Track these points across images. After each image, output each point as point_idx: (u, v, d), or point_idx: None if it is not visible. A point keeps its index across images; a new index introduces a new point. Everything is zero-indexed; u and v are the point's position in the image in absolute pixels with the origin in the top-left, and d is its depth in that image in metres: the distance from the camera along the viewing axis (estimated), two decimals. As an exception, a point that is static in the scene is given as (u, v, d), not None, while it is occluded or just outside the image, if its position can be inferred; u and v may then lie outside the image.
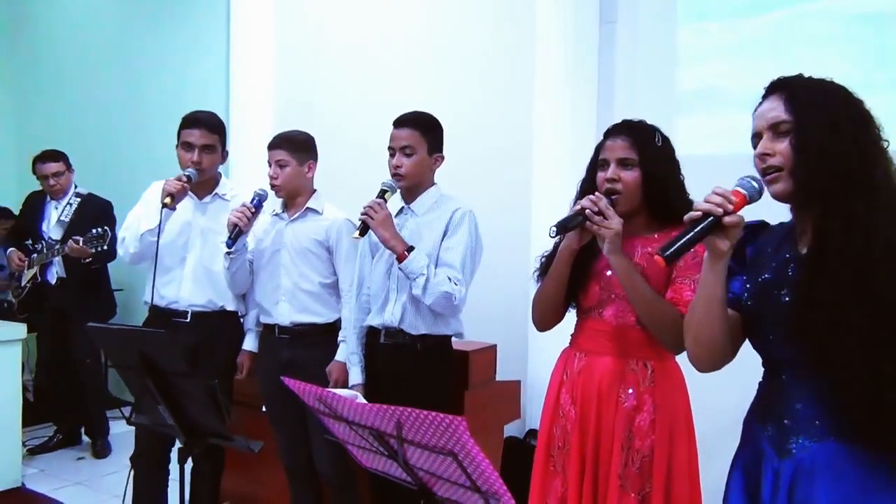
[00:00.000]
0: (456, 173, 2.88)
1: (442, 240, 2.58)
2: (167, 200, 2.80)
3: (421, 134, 2.60)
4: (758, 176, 1.48)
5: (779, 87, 1.48)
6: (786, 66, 1.55)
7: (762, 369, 1.58)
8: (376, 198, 2.54)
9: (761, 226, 1.62)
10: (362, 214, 2.50)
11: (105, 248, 3.78)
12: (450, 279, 2.50)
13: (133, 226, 2.99)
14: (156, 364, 1.99)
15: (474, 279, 2.67)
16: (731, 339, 1.56)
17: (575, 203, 2.06)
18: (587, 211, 1.93)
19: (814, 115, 1.40)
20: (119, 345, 2.13)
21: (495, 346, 3.29)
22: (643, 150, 2.00)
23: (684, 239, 1.46)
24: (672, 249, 1.47)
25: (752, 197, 1.47)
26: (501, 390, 3.30)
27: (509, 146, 3.88)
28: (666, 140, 2.07)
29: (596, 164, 2.07)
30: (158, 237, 2.87)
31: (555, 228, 1.95)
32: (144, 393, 2.07)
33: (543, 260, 2.16)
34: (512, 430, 3.53)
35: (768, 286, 1.50)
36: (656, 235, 2.03)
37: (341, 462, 2.81)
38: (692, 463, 2.01)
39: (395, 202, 2.64)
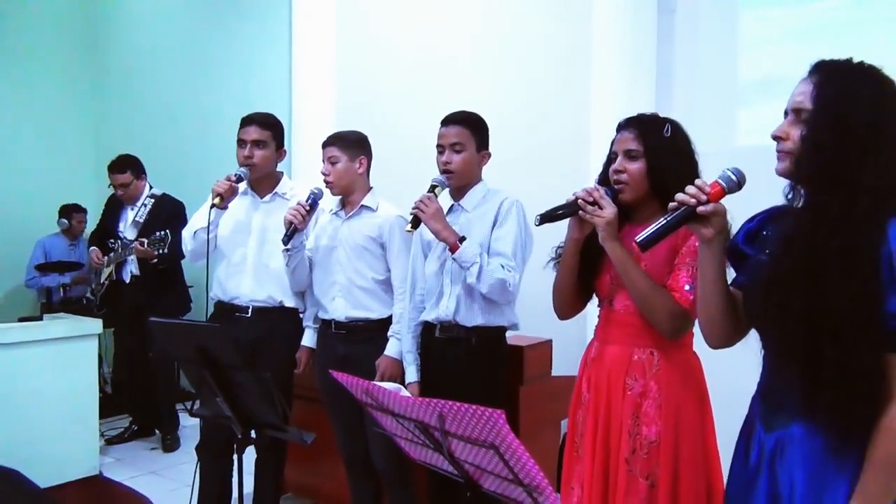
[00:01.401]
0: (513, 168, 2.88)
1: (492, 230, 2.60)
2: (216, 200, 2.91)
3: (470, 131, 2.64)
4: (738, 168, 1.55)
5: (816, 71, 1.48)
6: (850, 51, 1.52)
7: None
8: (427, 192, 2.58)
9: (785, 211, 1.63)
10: (414, 208, 2.54)
11: (166, 251, 3.92)
12: (503, 266, 2.52)
13: (192, 224, 3.12)
14: (212, 357, 2.06)
15: (530, 274, 2.66)
16: (732, 319, 1.64)
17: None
18: (580, 201, 1.98)
19: (830, 112, 1.41)
20: (177, 339, 2.21)
21: (550, 340, 3.27)
22: (648, 141, 2.04)
23: (658, 227, 1.56)
24: (646, 236, 1.57)
25: (731, 188, 1.55)
26: (558, 385, 3.27)
27: (567, 140, 3.86)
28: (676, 131, 2.10)
29: (610, 157, 2.13)
30: (208, 236, 2.98)
31: (539, 218, 2.03)
32: (203, 385, 2.14)
33: (558, 250, 2.21)
34: (567, 426, 3.49)
35: (759, 266, 1.56)
36: None
37: (396, 457, 2.82)
38: (707, 446, 2.00)
39: (444, 201, 2.66)
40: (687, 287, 1.93)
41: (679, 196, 1.55)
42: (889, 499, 1.37)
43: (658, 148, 2.03)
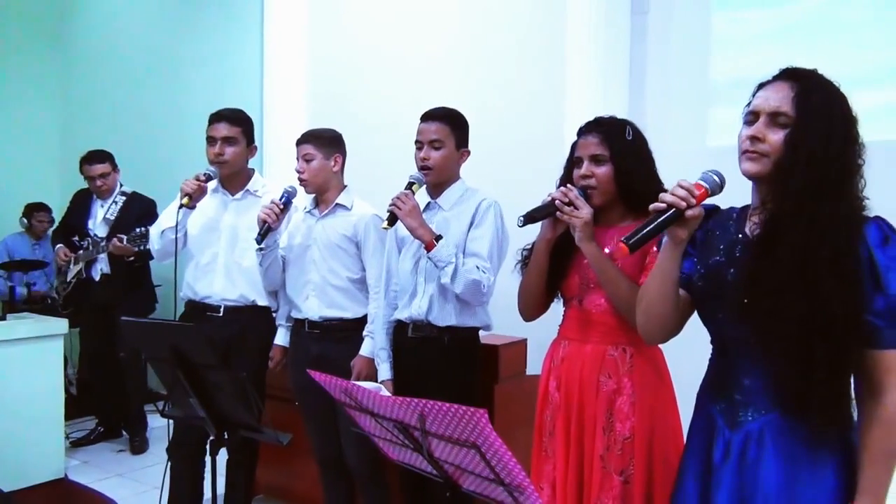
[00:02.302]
0: (487, 167, 2.88)
1: (468, 230, 2.60)
2: (185, 200, 2.87)
3: (449, 128, 2.63)
4: (719, 171, 1.55)
5: (791, 77, 1.51)
6: (821, 54, 1.57)
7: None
8: (404, 190, 2.56)
9: (713, 210, 1.69)
10: (390, 206, 2.52)
11: (146, 247, 3.85)
12: (478, 267, 2.52)
13: (158, 223, 3.08)
14: (186, 357, 2.03)
15: (505, 273, 2.66)
16: (678, 315, 1.68)
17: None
18: (557, 202, 2.02)
19: (815, 121, 1.46)
20: (150, 338, 2.17)
21: (525, 340, 3.27)
22: (613, 145, 2.07)
23: (648, 228, 1.55)
24: (636, 238, 1.55)
25: (714, 191, 1.55)
26: (532, 384, 3.27)
27: (541, 138, 3.86)
28: (637, 133, 2.14)
29: (572, 161, 2.15)
30: (176, 235, 2.93)
31: (522, 218, 2.05)
32: (176, 385, 2.11)
33: (525, 252, 2.24)
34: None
35: (718, 267, 1.60)
36: (631, 224, 2.08)
37: (371, 457, 2.82)
38: (678, 444, 2.01)
39: (421, 198, 2.65)
40: None
41: (667, 198, 1.52)
42: (887, 489, 1.42)
43: (623, 151, 2.07)
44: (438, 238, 2.50)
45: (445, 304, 2.60)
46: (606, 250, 2.05)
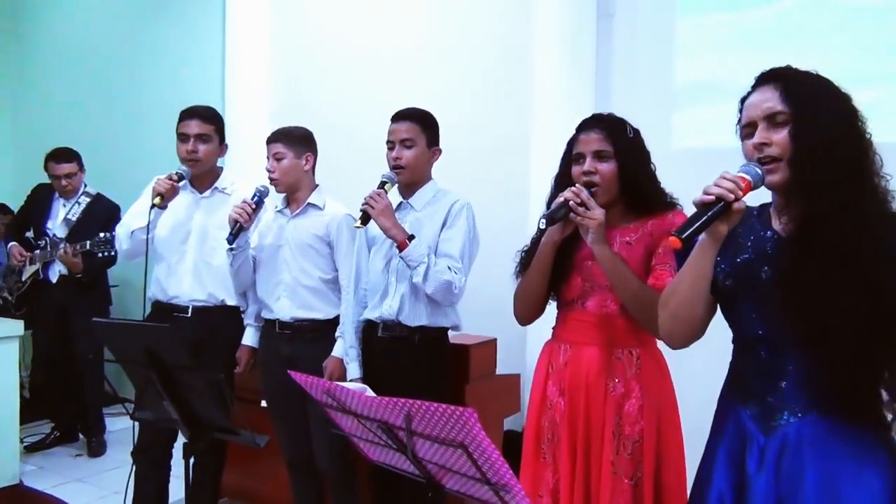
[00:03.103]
0: (454, 168, 2.88)
1: (441, 231, 2.60)
2: (157, 200, 2.82)
3: (420, 127, 2.63)
4: (759, 164, 1.49)
5: (772, 78, 1.51)
6: (783, 59, 1.59)
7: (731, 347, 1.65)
8: (377, 189, 2.55)
9: (758, 210, 1.66)
10: (363, 205, 2.51)
11: (112, 253, 3.76)
12: (450, 268, 2.52)
13: (126, 222, 3.01)
14: (160, 358, 1.99)
15: (473, 273, 2.68)
16: (707, 317, 1.63)
17: (551, 198, 2.10)
18: (570, 203, 1.96)
19: (811, 107, 1.44)
20: (123, 340, 2.12)
21: (495, 339, 3.30)
22: (617, 141, 2.03)
23: (700, 221, 1.47)
24: (689, 231, 1.48)
25: (756, 184, 1.48)
26: (501, 384, 3.31)
27: (507, 141, 3.89)
28: (636, 132, 2.12)
29: (570, 158, 2.11)
30: (148, 236, 2.88)
31: (545, 220, 1.99)
32: (148, 388, 2.07)
33: (523, 255, 2.19)
34: (510, 423, 3.53)
35: (749, 265, 1.55)
36: (633, 225, 2.08)
37: (341, 458, 2.82)
38: (679, 444, 2.06)
39: (393, 198, 2.64)
40: None
41: (715, 190, 1.44)
42: None
43: (627, 148, 2.04)
44: (411, 238, 2.50)
45: (417, 303, 2.60)
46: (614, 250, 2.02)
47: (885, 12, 3.03)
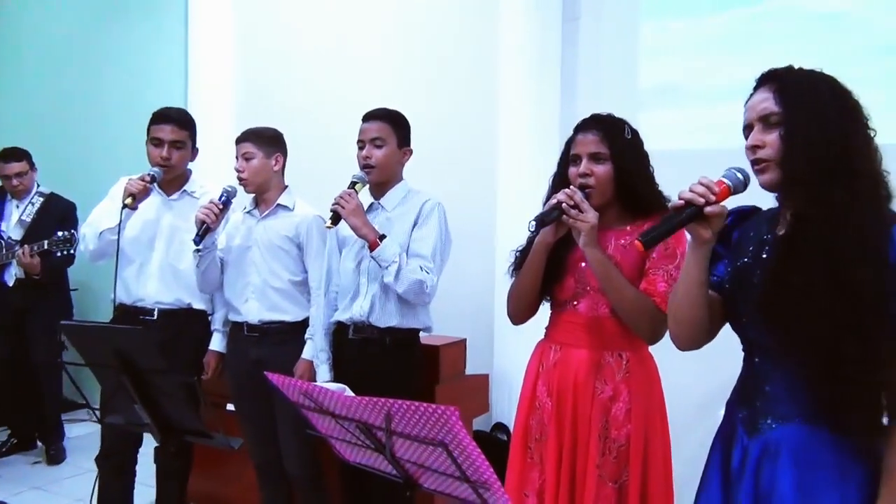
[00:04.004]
0: (421, 169, 2.89)
1: (412, 231, 2.60)
2: (128, 201, 2.76)
3: (391, 127, 2.63)
4: (744, 168, 1.51)
5: (769, 79, 1.50)
6: (744, 64, 1.60)
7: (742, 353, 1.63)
8: (347, 189, 2.55)
9: (752, 211, 1.66)
10: (333, 204, 2.50)
11: (71, 252, 3.68)
12: (421, 268, 2.52)
13: (94, 223, 2.94)
14: (132, 361, 1.95)
15: (442, 275, 2.68)
16: (710, 320, 1.60)
17: (547, 198, 2.09)
18: (563, 205, 1.95)
19: (802, 107, 1.44)
20: (94, 342, 2.07)
21: (465, 340, 3.31)
22: (614, 143, 2.02)
23: (665, 226, 1.51)
24: (651, 235, 1.52)
25: (737, 188, 1.50)
26: (471, 384, 3.33)
27: (474, 142, 3.90)
28: (635, 133, 2.10)
29: (567, 159, 2.09)
30: (119, 236, 2.82)
31: (534, 223, 1.98)
32: (119, 391, 2.03)
33: (518, 255, 2.18)
34: (478, 423, 3.55)
35: (746, 269, 1.56)
36: (629, 227, 2.06)
37: (310, 461, 2.81)
38: (666, 450, 2.06)
39: (364, 199, 2.63)
40: (664, 291, 1.92)
41: (686, 195, 1.47)
42: None
43: (624, 150, 2.03)
44: (382, 237, 2.50)
45: (387, 303, 2.60)
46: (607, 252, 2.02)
47: (842, 18, 3.11)
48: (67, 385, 4.62)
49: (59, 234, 3.59)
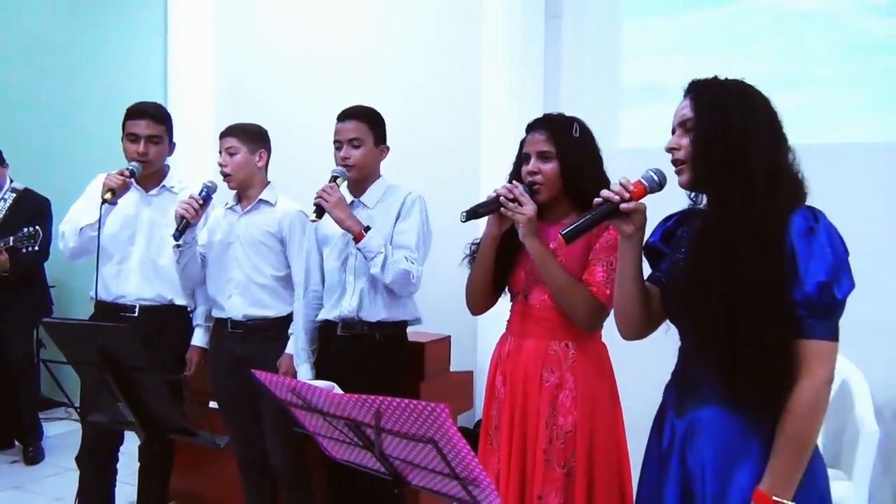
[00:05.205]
0: (405, 166, 2.90)
1: (395, 224, 2.62)
2: (107, 196, 2.72)
3: (367, 125, 2.64)
4: (660, 169, 1.65)
5: (691, 88, 1.63)
6: (724, 61, 1.68)
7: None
8: (328, 183, 2.54)
9: (699, 212, 1.75)
10: (316, 198, 2.50)
11: (36, 248, 3.60)
12: (406, 258, 2.55)
13: (74, 220, 2.89)
14: (116, 359, 1.93)
15: (424, 271, 2.69)
16: (647, 312, 1.74)
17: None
18: (501, 198, 2.03)
19: (709, 113, 1.56)
20: (76, 340, 2.04)
21: (449, 337, 3.32)
22: (559, 142, 2.10)
23: (584, 222, 1.66)
24: (570, 229, 1.66)
25: (653, 188, 1.65)
26: (455, 381, 3.34)
27: (457, 139, 3.90)
28: (584, 131, 2.18)
29: (521, 157, 2.18)
30: (99, 232, 2.79)
31: (465, 214, 2.05)
32: (102, 389, 2.01)
33: (473, 247, 2.26)
34: (462, 420, 3.56)
35: (678, 261, 1.68)
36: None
37: (295, 457, 2.80)
38: (618, 435, 2.12)
39: (344, 196, 2.62)
40: (602, 280, 2.01)
41: (604, 193, 1.63)
42: (798, 475, 1.48)
43: (570, 148, 2.10)
44: (367, 229, 2.50)
45: (376, 297, 2.61)
46: (552, 246, 2.08)
47: (816, 17, 3.16)
48: (44, 383, 4.58)
49: (25, 230, 3.50)
